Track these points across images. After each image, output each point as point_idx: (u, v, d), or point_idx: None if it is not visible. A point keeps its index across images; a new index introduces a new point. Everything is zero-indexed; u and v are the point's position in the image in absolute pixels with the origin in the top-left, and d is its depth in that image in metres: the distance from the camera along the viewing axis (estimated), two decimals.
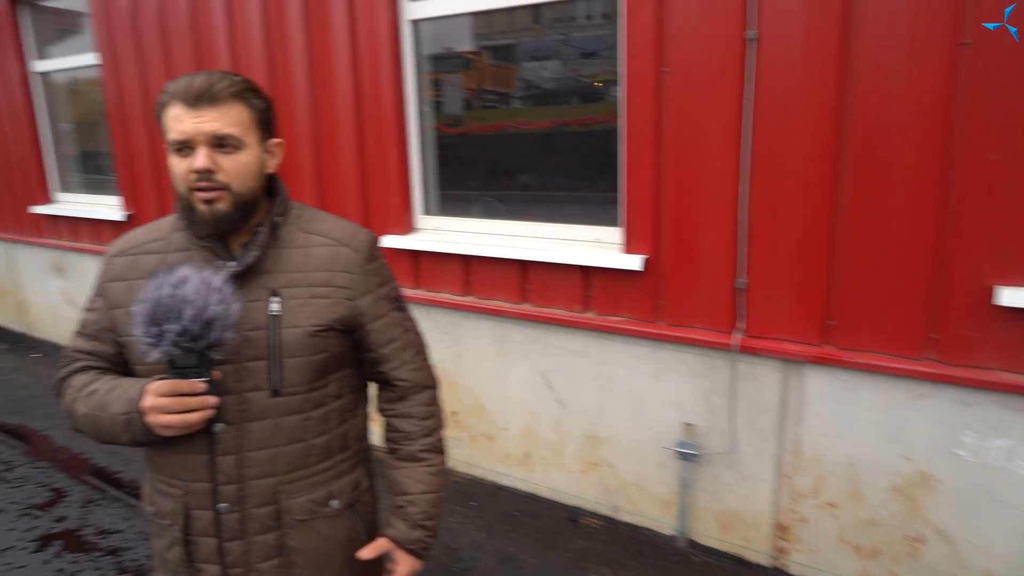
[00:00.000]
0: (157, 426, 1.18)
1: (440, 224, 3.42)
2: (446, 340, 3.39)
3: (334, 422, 1.37)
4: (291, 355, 1.28)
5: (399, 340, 1.41)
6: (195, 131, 1.18)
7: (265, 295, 1.28)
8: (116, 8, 4.42)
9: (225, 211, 1.22)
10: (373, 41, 3.27)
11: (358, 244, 1.37)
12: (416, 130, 3.36)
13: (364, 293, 1.35)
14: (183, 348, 1.12)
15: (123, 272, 1.32)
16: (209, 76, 1.21)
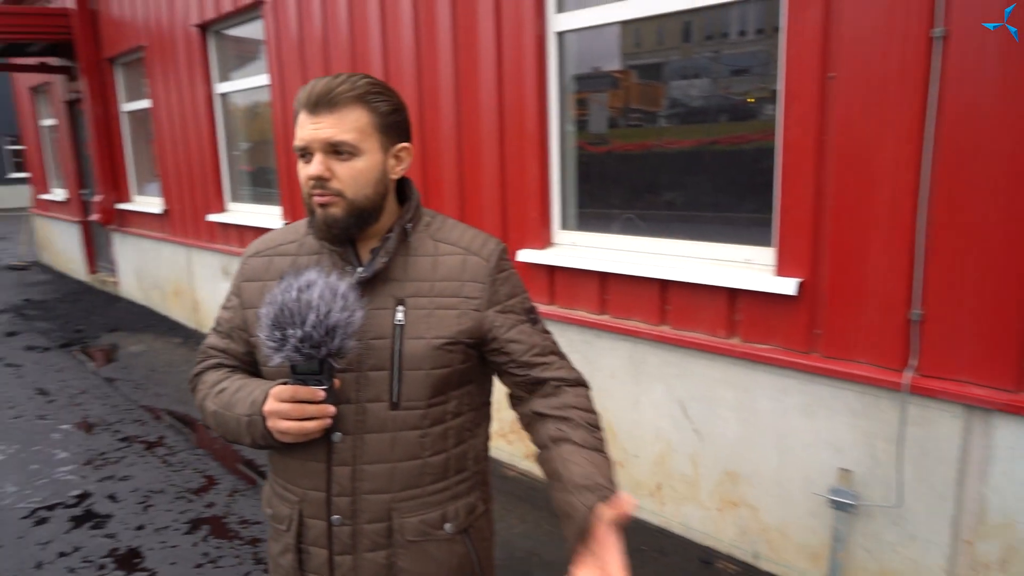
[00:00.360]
0: (276, 431, 1.17)
1: (577, 239, 3.33)
2: (579, 359, 3.29)
3: (452, 441, 1.31)
4: (412, 367, 1.23)
5: (539, 346, 1.31)
6: (311, 138, 1.17)
7: (391, 303, 1.24)
8: (286, 34, 4.77)
9: (338, 216, 1.20)
10: (518, 54, 3.27)
11: (487, 253, 1.31)
12: (557, 144, 3.31)
13: (492, 304, 1.28)
14: (304, 354, 1.09)
15: (257, 272, 1.33)
16: (332, 80, 1.19)
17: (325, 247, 1.28)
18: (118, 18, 7.18)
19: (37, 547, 3.16)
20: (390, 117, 1.24)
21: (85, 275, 9.65)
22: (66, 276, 10.31)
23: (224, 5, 5.39)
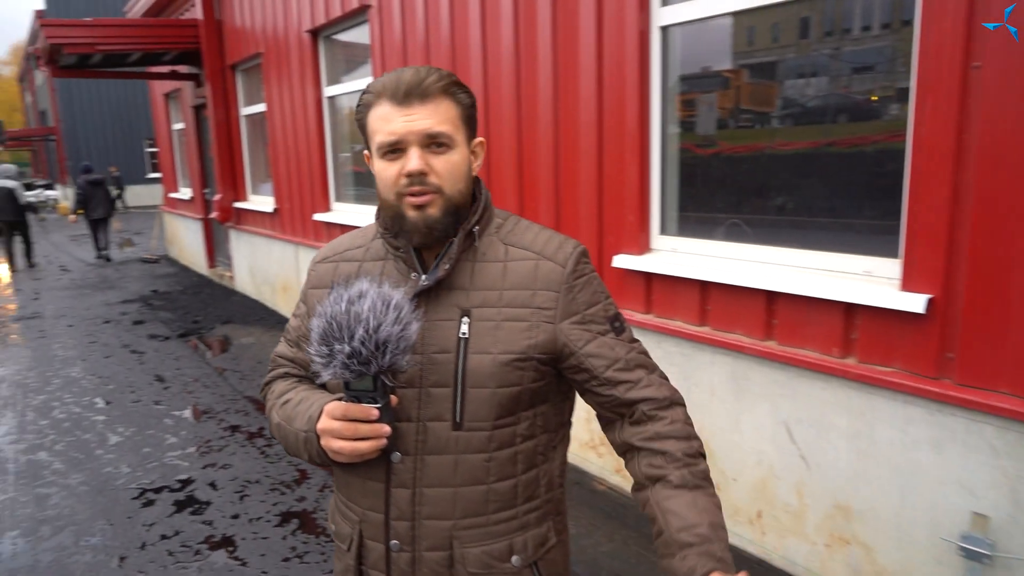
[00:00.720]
0: (328, 451, 1.10)
1: (677, 245, 3.15)
2: (675, 373, 3.10)
3: (522, 466, 1.19)
4: (476, 385, 1.13)
5: (623, 359, 1.17)
6: (406, 130, 1.07)
7: (456, 314, 1.14)
8: (389, 38, 4.84)
9: (438, 217, 1.11)
10: (619, 50, 3.12)
11: (563, 257, 1.18)
12: (658, 145, 3.14)
13: (569, 315, 1.16)
14: (353, 371, 1.01)
15: (323, 279, 1.27)
16: (417, 71, 1.11)
17: (390, 253, 1.20)
18: (239, 27, 7.58)
19: (143, 528, 3.32)
20: (471, 110, 1.17)
21: (205, 269, 10.29)
22: (189, 270, 11.03)
23: (333, 10, 5.55)
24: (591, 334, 1.16)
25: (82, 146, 25.93)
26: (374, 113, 1.11)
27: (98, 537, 3.25)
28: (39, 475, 3.90)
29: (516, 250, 1.18)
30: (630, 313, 3.23)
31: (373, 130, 1.12)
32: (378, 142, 1.10)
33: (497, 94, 3.88)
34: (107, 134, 26.59)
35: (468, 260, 1.17)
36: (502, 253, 1.18)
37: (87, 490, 3.71)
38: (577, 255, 1.20)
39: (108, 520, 3.40)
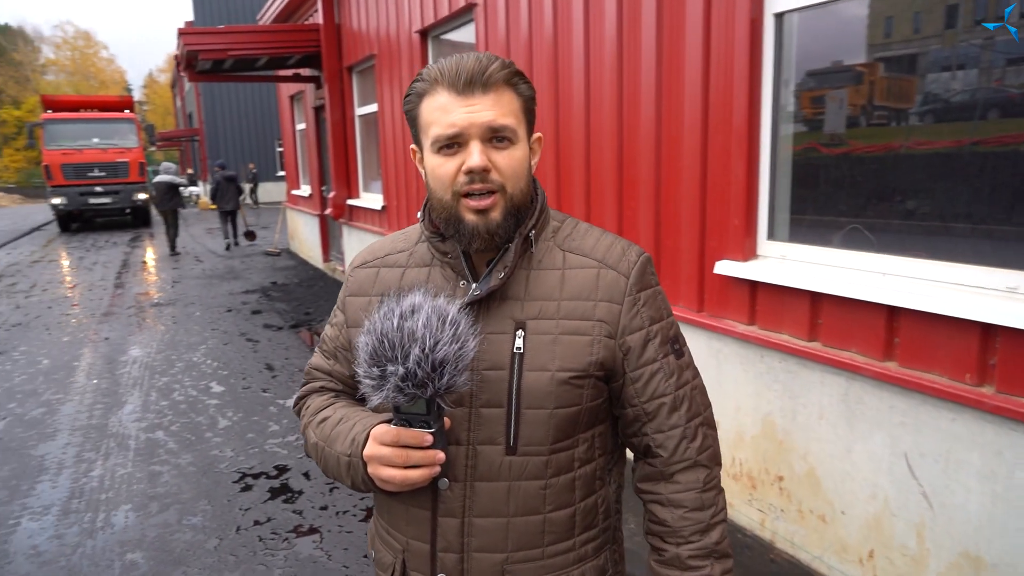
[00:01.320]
0: (377, 479, 1.00)
1: (787, 252, 2.89)
2: (779, 390, 2.85)
3: (581, 492, 1.09)
4: (532, 406, 1.02)
5: (669, 396, 1.07)
6: (467, 122, 0.98)
7: (510, 327, 1.04)
8: (494, 35, 4.80)
9: (500, 221, 1.01)
10: (728, 40, 2.90)
11: (626, 266, 1.07)
12: (768, 142, 2.89)
13: (631, 330, 1.05)
14: (408, 395, 0.92)
15: (363, 286, 1.17)
16: (478, 57, 1.01)
17: (436, 258, 1.10)
18: (355, 30, 7.83)
19: (239, 512, 3.45)
20: (531, 103, 1.07)
21: (320, 263, 10.76)
22: (307, 263, 11.59)
23: (441, 10, 5.59)
24: (647, 356, 1.06)
25: (221, 145, 28.02)
26: (429, 103, 1.01)
27: (199, 517, 3.41)
28: (155, 453, 4.16)
29: (575, 257, 1.08)
30: (731, 324, 3.01)
31: (427, 122, 1.02)
32: (434, 135, 1.00)
33: (598, 90, 3.73)
34: (243, 134, 28.57)
35: (523, 267, 1.07)
36: (560, 260, 1.08)
37: (194, 471, 3.92)
38: (642, 264, 1.08)
39: (209, 501, 3.56)
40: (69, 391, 5.35)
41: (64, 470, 3.96)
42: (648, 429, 1.08)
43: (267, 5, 10.71)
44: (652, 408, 1.07)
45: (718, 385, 3.14)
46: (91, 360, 6.18)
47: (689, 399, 1.09)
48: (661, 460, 1.08)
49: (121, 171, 18.54)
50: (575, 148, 4.00)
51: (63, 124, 18.46)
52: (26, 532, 3.31)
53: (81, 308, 8.52)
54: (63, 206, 17.81)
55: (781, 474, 2.88)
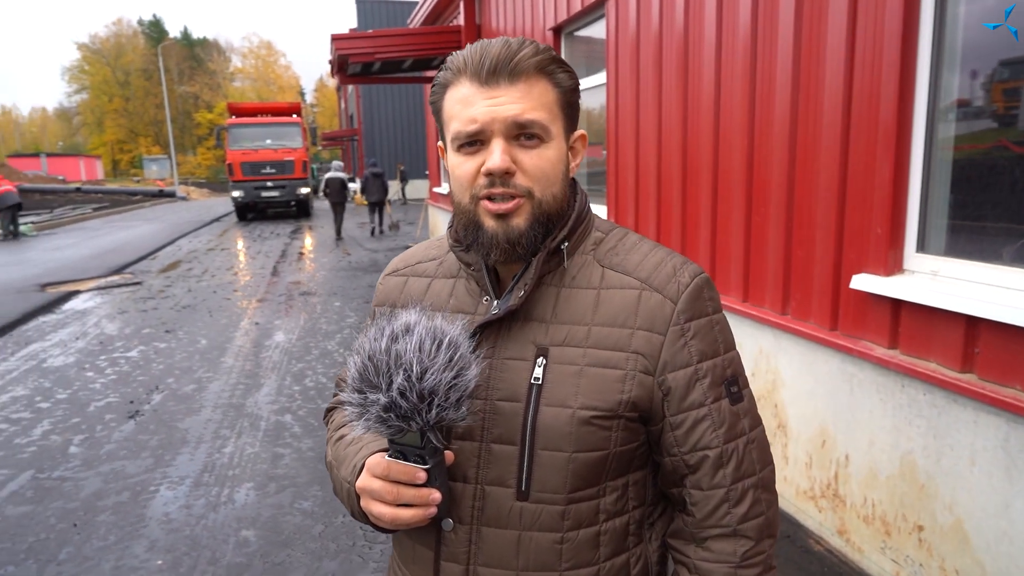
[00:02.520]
0: (369, 514, 0.91)
1: (940, 267, 2.49)
2: (921, 426, 2.46)
3: (607, 550, 0.93)
4: (548, 447, 0.88)
5: (715, 448, 0.89)
6: (489, 116, 0.86)
7: (530, 353, 0.90)
8: (624, 30, 4.61)
9: (523, 229, 0.88)
10: (877, 22, 2.55)
11: (675, 289, 0.90)
12: (921, 140, 2.51)
13: (674, 367, 0.88)
14: (392, 427, 0.81)
15: (391, 295, 1.08)
16: (507, 42, 0.88)
17: (463, 270, 0.99)
18: (494, 29, 7.90)
19: None
20: (573, 95, 0.93)
21: None
22: None
23: (574, 6, 5.47)
24: (694, 398, 0.89)
25: (376, 144, 29.76)
26: (451, 95, 0.90)
27: (309, 502, 3.55)
28: (280, 436, 4.41)
29: (615, 275, 0.92)
30: (868, 347, 2.65)
31: (449, 115, 0.91)
32: (454, 131, 0.89)
33: (729, 85, 3.45)
34: (397, 134, 30.15)
35: (553, 285, 0.93)
36: (597, 278, 0.93)
37: (312, 456, 4.09)
38: (696, 287, 0.91)
39: (321, 487, 3.69)
40: (218, 371, 5.82)
41: (202, 444, 4.29)
42: (687, 483, 0.91)
43: (416, 10, 11.12)
44: (694, 461, 0.90)
45: (850, 413, 2.79)
46: (241, 343, 6.70)
47: (741, 454, 0.90)
48: (694, 521, 0.92)
49: (288, 168, 21.09)
50: (703, 148, 3.73)
51: (243, 128, 21.27)
52: (162, 499, 3.60)
53: (240, 294, 9.30)
54: (241, 198, 20.69)
55: (921, 523, 2.49)
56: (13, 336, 7.23)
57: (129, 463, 4.05)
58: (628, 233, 0.99)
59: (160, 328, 7.39)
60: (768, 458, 0.95)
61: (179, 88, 71.27)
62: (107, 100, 72.69)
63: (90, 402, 5.12)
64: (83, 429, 4.59)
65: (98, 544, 3.19)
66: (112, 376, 5.74)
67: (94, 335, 7.16)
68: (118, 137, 73.79)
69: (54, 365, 6.11)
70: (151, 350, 6.51)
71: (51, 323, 7.80)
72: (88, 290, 9.82)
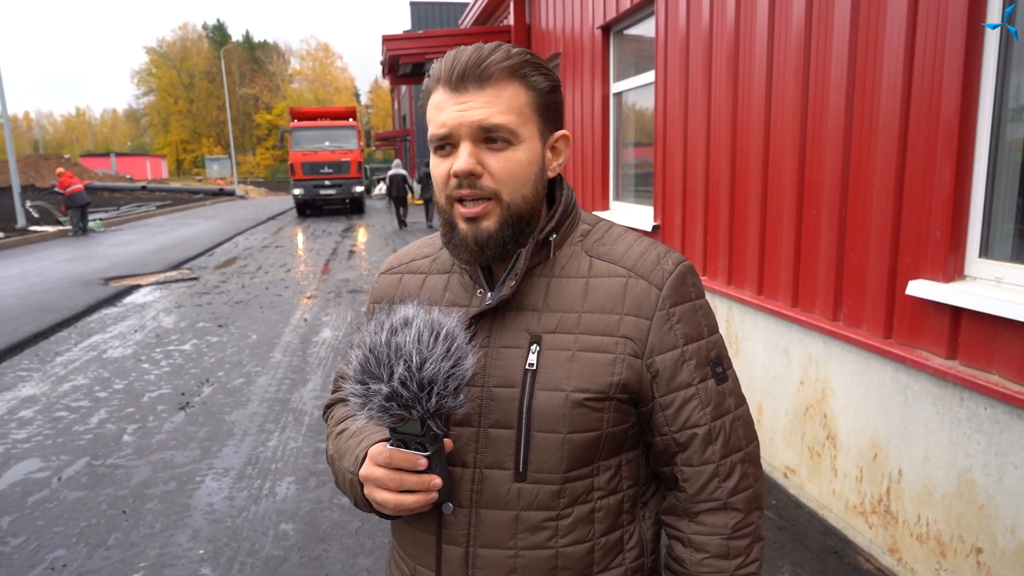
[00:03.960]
0: (372, 501, 0.93)
1: (1004, 274, 2.35)
2: (982, 443, 2.32)
3: (601, 526, 0.96)
4: (543, 428, 0.92)
5: (703, 426, 0.94)
6: (456, 121, 0.90)
7: (524, 341, 0.94)
8: (674, 28, 4.51)
9: (492, 231, 0.92)
10: (939, 15, 2.41)
11: (659, 276, 0.94)
12: (987, 138, 2.36)
13: (661, 349, 0.92)
14: (393, 415, 0.84)
15: (387, 292, 1.11)
16: (479, 48, 0.92)
17: (456, 265, 1.02)
18: (544, 29, 7.87)
19: None
20: (550, 96, 0.95)
21: None
22: None
23: (623, 3, 5.39)
24: (680, 379, 0.93)
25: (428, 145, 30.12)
26: (431, 101, 0.95)
27: (348, 499, 3.57)
28: (323, 431, 4.46)
29: (602, 264, 0.97)
30: (925, 356, 2.51)
31: (428, 121, 0.96)
32: (430, 135, 0.94)
33: (781, 82, 3.34)
34: None
35: (543, 275, 0.97)
36: (585, 267, 0.97)
37: None
38: (680, 274, 0.95)
39: None
40: (266, 365, 5.95)
41: (247, 437, 4.38)
42: (678, 460, 0.96)
43: (467, 10, 11.17)
44: (683, 439, 0.95)
45: (903, 426, 2.65)
46: (289, 339, 6.84)
47: (728, 431, 0.96)
48: (686, 496, 0.97)
49: (344, 168, 22.59)
50: (752, 148, 3.62)
51: (305, 131, 22.96)
52: (207, 490, 3.69)
53: (291, 290, 9.50)
54: (301, 196, 22.43)
55: (980, 545, 2.35)
56: (77, 327, 7.55)
57: (178, 453, 4.16)
58: (613, 225, 1.03)
59: (213, 322, 7.60)
60: (753, 434, 0.99)
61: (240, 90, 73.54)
62: (172, 102, 75.54)
63: (144, 393, 5.30)
64: (136, 419, 4.75)
65: (145, 531, 3.28)
66: (166, 368, 5.93)
67: (151, 328, 7.41)
68: (182, 137, 76.60)
69: (113, 356, 6.34)
70: (204, 344, 6.69)
71: (112, 316, 8.12)
72: (148, 284, 10.19)
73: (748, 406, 1.01)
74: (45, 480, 3.84)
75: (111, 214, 23.42)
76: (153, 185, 39.23)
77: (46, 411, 4.95)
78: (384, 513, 0.95)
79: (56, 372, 5.90)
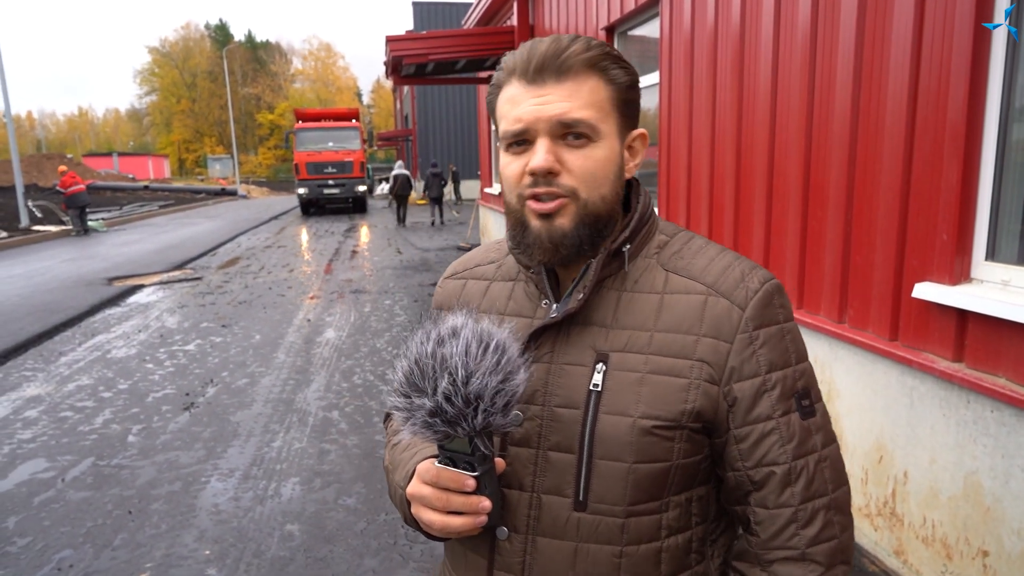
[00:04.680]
0: (419, 521, 0.89)
1: (1012, 277, 2.35)
2: (989, 445, 2.32)
3: (668, 567, 0.89)
4: (607, 456, 0.85)
5: (782, 465, 0.85)
6: (534, 116, 0.84)
7: (589, 359, 0.88)
8: (678, 30, 4.51)
9: (567, 229, 0.86)
10: (946, 18, 2.41)
11: (743, 295, 0.86)
12: (993, 141, 2.36)
13: (740, 376, 0.85)
14: (438, 432, 0.80)
15: (449, 298, 1.06)
16: (557, 39, 0.86)
17: (522, 272, 0.97)
18: (547, 29, 7.87)
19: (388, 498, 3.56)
20: (630, 92, 0.89)
21: None
22: None
23: (628, 4, 5.39)
24: (761, 410, 0.85)
25: (430, 145, 30.14)
26: (503, 95, 0.89)
27: (353, 499, 3.58)
28: (327, 432, 4.47)
29: (680, 279, 0.89)
30: (931, 359, 2.51)
31: (499, 116, 0.90)
32: (502, 131, 0.89)
33: (786, 83, 3.34)
34: (450, 134, 30.49)
35: (614, 289, 0.91)
36: (660, 282, 0.90)
37: (358, 453, 4.14)
38: (766, 293, 0.87)
39: (365, 484, 3.73)
40: (270, 366, 5.95)
41: (252, 438, 4.39)
42: (751, 500, 0.87)
43: (470, 10, 11.17)
44: (759, 477, 0.86)
45: (909, 429, 2.65)
46: (293, 339, 6.84)
47: (811, 472, 0.85)
48: (759, 541, 0.87)
49: (347, 168, 23.19)
50: (757, 149, 3.62)
51: (309, 132, 23.63)
52: (212, 490, 3.70)
53: (294, 291, 9.50)
54: (305, 195, 23.08)
55: (986, 548, 2.35)
56: (81, 327, 7.56)
57: (183, 454, 4.17)
58: (694, 237, 0.95)
59: (217, 323, 7.61)
60: (843, 478, 0.89)
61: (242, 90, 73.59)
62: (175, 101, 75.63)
63: (149, 393, 5.31)
64: (141, 419, 4.76)
65: (151, 532, 3.29)
66: (170, 368, 5.94)
67: (155, 328, 7.43)
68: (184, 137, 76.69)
69: (117, 356, 6.36)
70: (207, 344, 6.71)
71: (116, 315, 8.13)
72: (152, 284, 10.20)
73: (838, 445, 0.91)
74: (51, 480, 3.85)
75: (114, 214, 23.45)
76: (155, 185, 39.28)
77: (51, 411, 4.96)
78: (431, 534, 0.90)
79: (60, 372, 5.91)
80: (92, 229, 18.30)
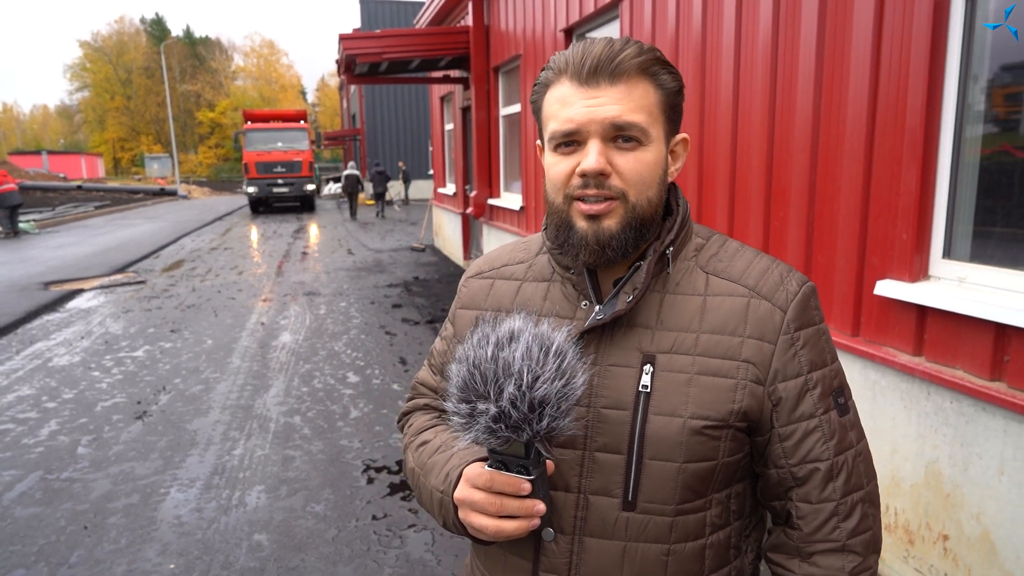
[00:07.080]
0: (468, 526, 0.88)
1: (967, 274, 2.47)
2: (948, 434, 2.44)
3: (711, 563, 0.92)
4: (658, 456, 0.87)
5: (825, 461, 0.89)
6: (587, 117, 0.85)
7: (636, 360, 0.89)
8: (639, 33, 4.58)
9: (615, 231, 0.87)
10: (904, 25, 2.52)
11: (783, 297, 0.89)
12: (949, 145, 2.48)
13: (785, 377, 0.88)
14: (501, 437, 0.79)
15: (475, 298, 1.06)
16: (610, 42, 0.87)
17: (557, 273, 0.97)
18: (503, 30, 7.88)
19: (359, 504, 3.52)
20: (676, 97, 0.91)
21: (461, 261, 10.99)
22: (448, 260, 11.89)
23: (587, 7, 5.44)
24: (803, 409, 0.88)
25: (379, 144, 29.83)
26: (552, 94, 0.90)
27: (322, 505, 3.52)
28: (290, 438, 4.37)
29: (721, 282, 0.92)
30: (892, 353, 2.62)
31: (548, 115, 0.90)
32: (551, 130, 0.89)
33: (748, 88, 3.43)
34: (399, 134, 30.24)
35: (656, 291, 0.92)
36: (701, 285, 0.92)
37: (323, 459, 4.06)
38: (804, 296, 0.90)
39: (333, 490, 3.66)
40: (225, 371, 5.79)
41: (212, 446, 4.26)
42: (794, 495, 0.90)
43: (423, 10, 11.09)
44: (803, 473, 0.89)
45: (872, 421, 2.76)
46: (247, 343, 6.67)
47: (850, 468, 0.90)
48: (800, 535, 0.91)
49: (296, 168, 23.63)
50: (720, 151, 3.70)
51: (258, 132, 24.12)
52: (173, 502, 3.57)
53: (245, 293, 9.26)
54: (255, 194, 23.59)
55: (946, 532, 2.47)
56: (18, 335, 7.20)
57: (138, 464, 4.02)
58: (727, 240, 0.98)
59: (165, 328, 7.36)
60: (873, 472, 0.94)
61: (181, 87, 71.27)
62: (109, 98, 72.69)
63: (97, 402, 5.10)
64: (91, 430, 4.56)
65: (109, 547, 3.16)
66: (118, 376, 5.72)
67: (99, 334, 7.13)
68: (119, 135, 73.78)
69: (59, 364, 6.08)
70: (157, 350, 6.48)
71: (55, 322, 7.78)
72: (92, 289, 9.79)
73: (867, 440, 0.97)
74: None
75: (46, 215, 22.38)
76: (89, 184, 37.65)
77: None
78: (480, 539, 0.89)
79: None
80: (23, 231, 17.43)
